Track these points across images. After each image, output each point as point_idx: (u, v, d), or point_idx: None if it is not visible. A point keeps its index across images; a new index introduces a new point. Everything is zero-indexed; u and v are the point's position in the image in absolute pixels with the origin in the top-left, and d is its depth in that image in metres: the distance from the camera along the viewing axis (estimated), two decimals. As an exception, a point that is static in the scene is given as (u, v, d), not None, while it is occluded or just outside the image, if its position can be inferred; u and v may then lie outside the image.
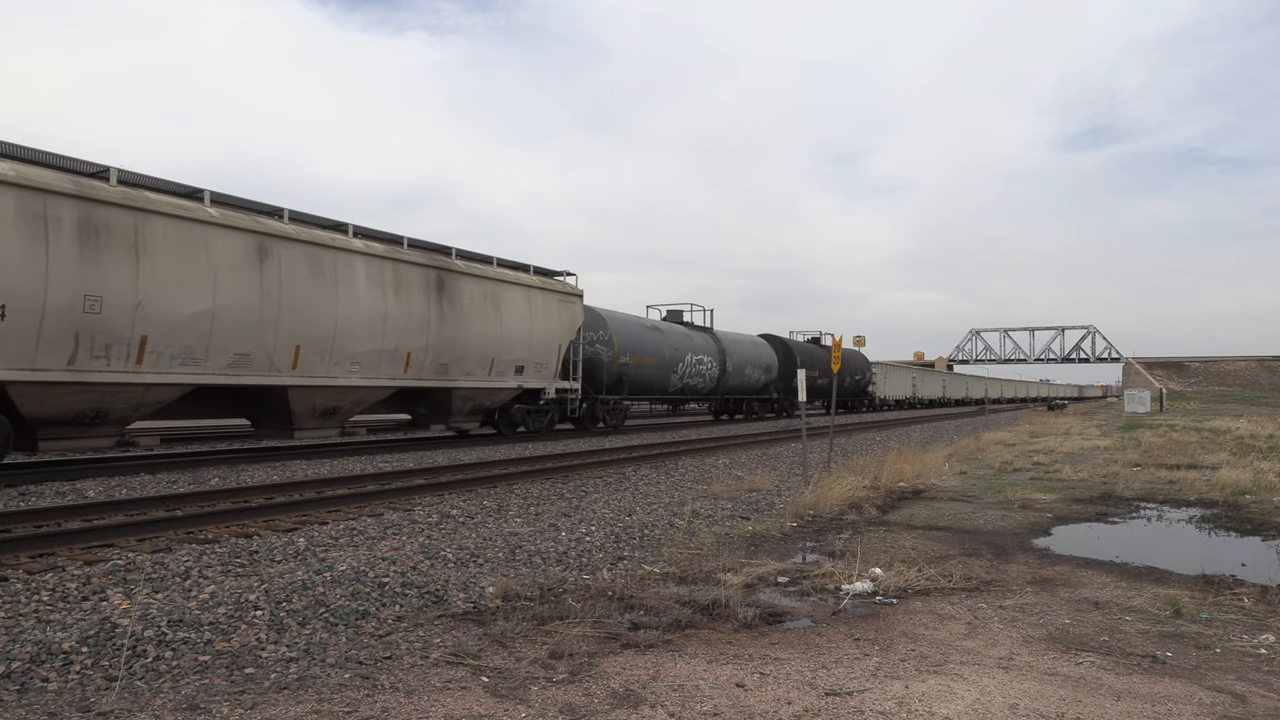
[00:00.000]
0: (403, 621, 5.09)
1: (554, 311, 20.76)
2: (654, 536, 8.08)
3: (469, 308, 17.91)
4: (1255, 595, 6.05)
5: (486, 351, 18.38)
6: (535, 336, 19.95)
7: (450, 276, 17.57)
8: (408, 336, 16.22)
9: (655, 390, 27.30)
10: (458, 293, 17.64)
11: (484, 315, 18.36)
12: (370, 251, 15.65)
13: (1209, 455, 17.61)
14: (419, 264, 16.79)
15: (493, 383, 18.77)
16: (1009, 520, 9.55)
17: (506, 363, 19.05)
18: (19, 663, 4.10)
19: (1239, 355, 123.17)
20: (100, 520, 7.99)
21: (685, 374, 28.56)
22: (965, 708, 3.86)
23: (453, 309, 17.42)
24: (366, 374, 15.39)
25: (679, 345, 28.43)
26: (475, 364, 18.07)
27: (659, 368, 26.74)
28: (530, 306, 19.90)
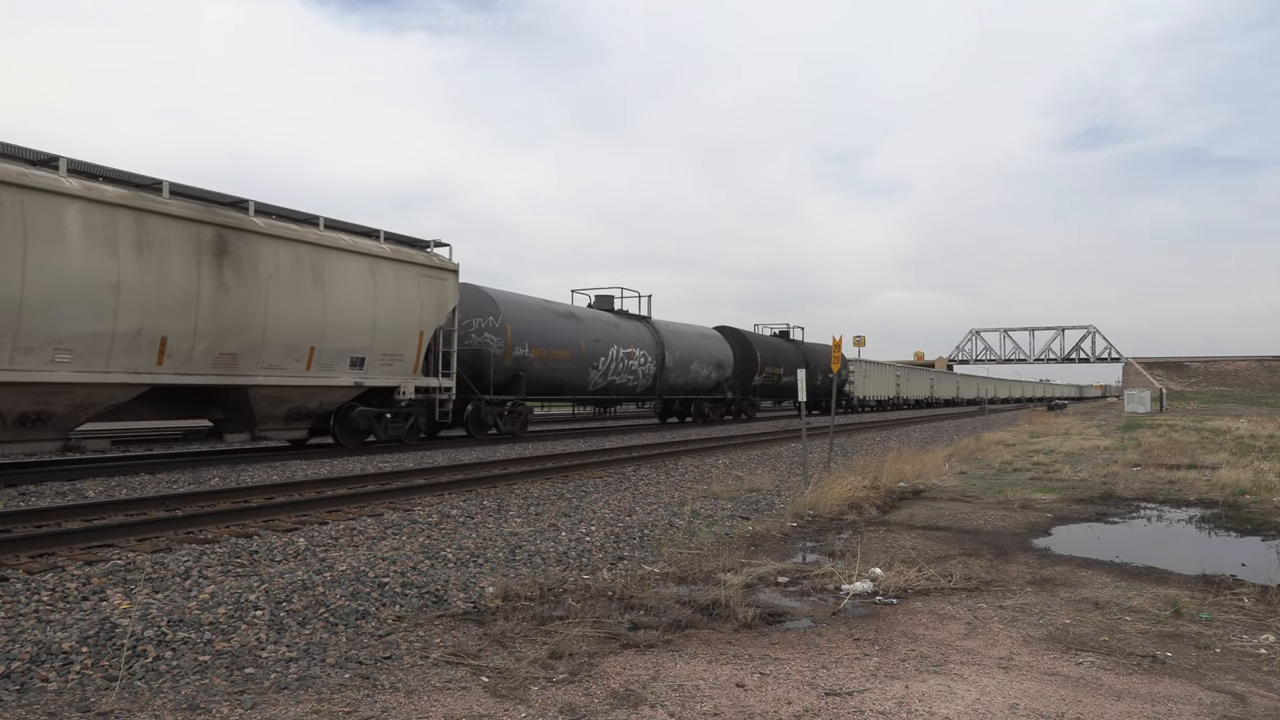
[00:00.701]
0: (403, 621, 5.09)
1: (412, 289, 16.52)
2: (654, 536, 8.08)
3: (272, 280, 13.63)
4: (1255, 595, 6.05)
5: (302, 339, 14.19)
6: (383, 321, 15.72)
7: (239, 238, 13.23)
8: (161, 316, 12.09)
9: (569, 389, 23.08)
10: (252, 259, 13.38)
11: (297, 291, 14.08)
12: (93, 196, 11.44)
13: (1209, 455, 17.61)
14: (183, 218, 12.49)
15: (314, 379, 14.56)
16: (1009, 520, 9.55)
17: (336, 354, 14.85)
18: (19, 663, 4.10)
19: (1239, 355, 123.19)
20: (100, 520, 7.99)
21: (611, 370, 24.17)
22: (965, 708, 3.86)
23: (242, 281, 13.19)
24: (86, 366, 11.32)
25: (602, 336, 23.91)
26: (283, 354, 13.91)
27: (572, 362, 22.43)
28: (376, 282, 15.64)
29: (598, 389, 24.26)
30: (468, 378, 19.10)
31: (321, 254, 14.69)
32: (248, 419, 14.01)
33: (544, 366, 21.43)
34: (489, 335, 19.98)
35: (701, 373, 29.94)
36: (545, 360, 21.42)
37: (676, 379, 28.39)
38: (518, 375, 20.54)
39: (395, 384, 16.35)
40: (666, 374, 27.58)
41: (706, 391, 30.96)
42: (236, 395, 13.63)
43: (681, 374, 28.60)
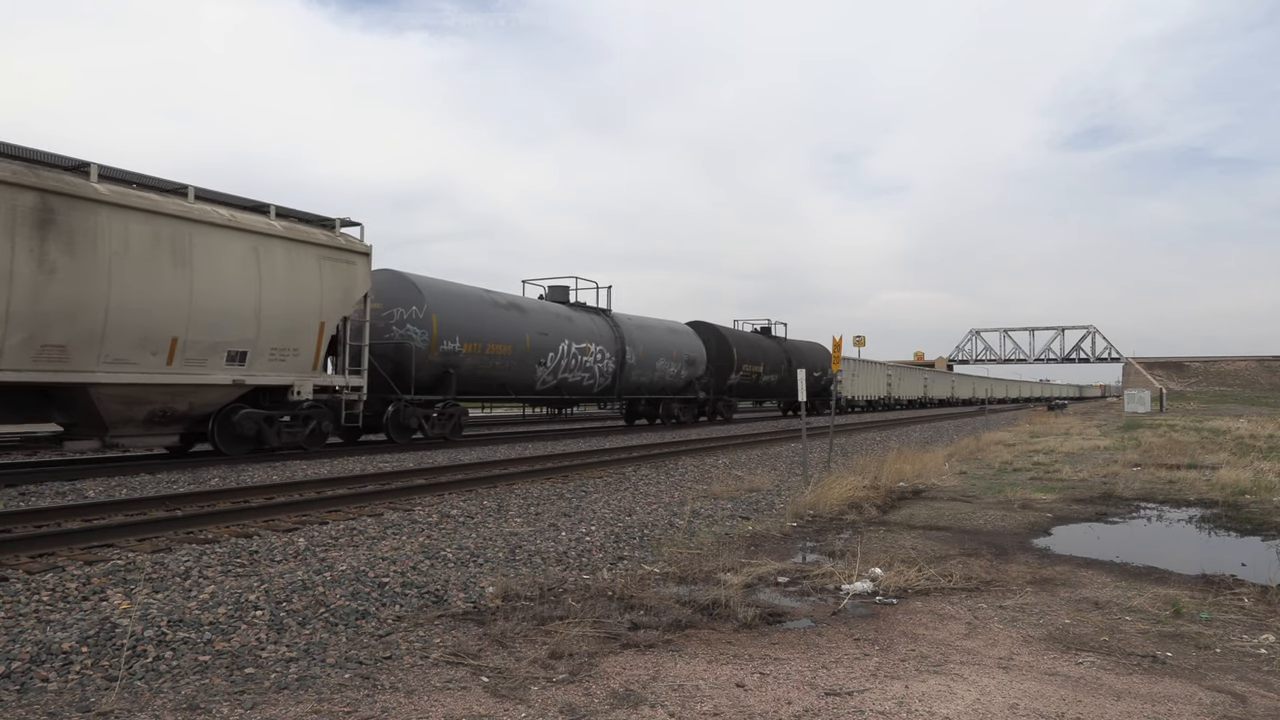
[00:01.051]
0: (403, 621, 5.09)
1: (310, 273, 14.35)
2: (654, 536, 8.08)
3: (117, 258, 11.60)
4: (1255, 595, 6.05)
5: (159, 328, 12.13)
6: (271, 308, 13.60)
7: (72, 206, 11.14)
8: None
9: (512, 388, 20.72)
10: (89, 233, 11.30)
11: (152, 272, 12.03)
12: None
13: (1209, 455, 17.61)
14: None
15: (179, 376, 12.48)
16: (1009, 520, 9.55)
17: (207, 347, 12.79)
18: (19, 663, 4.10)
19: (1239, 355, 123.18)
20: (100, 520, 7.99)
21: (561, 367, 21.96)
22: (965, 708, 3.86)
23: (75, 258, 11.13)
24: None
25: (550, 329, 21.62)
26: (134, 347, 11.85)
27: (514, 358, 20.15)
28: (261, 263, 13.47)
29: (547, 388, 21.94)
30: (388, 375, 17.20)
31: (187, 229, 12.51)
32: (96, 423, 11.93)
33: (479, 362, 19.24)
34: (412, 327, 17.77)
35: (669, 370, 27.34)
36: (480, 356, 19.22)
37: (640, 377, 25.86)
38: (446, 372, 18.46)
39: (288, 382, 14.10)
40: (628, 372, 25.01)
41: (676, 391, 28.51)
42: (76, 395, 11.49)
43: (646, 372, 26.02)
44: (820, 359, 41.15)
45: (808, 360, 38.89)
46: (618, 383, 24.83)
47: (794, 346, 38.96)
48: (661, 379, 27.16)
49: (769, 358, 35.14)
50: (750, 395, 35.83)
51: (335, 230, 15.30)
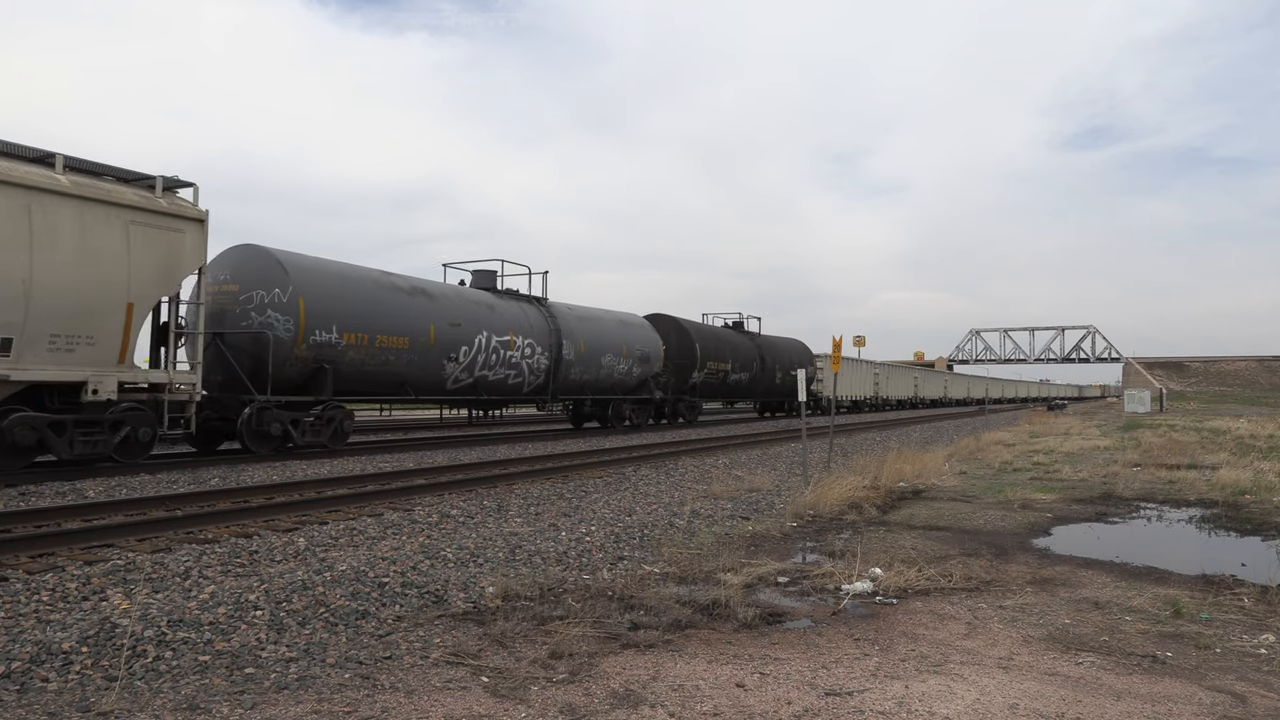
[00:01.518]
0: (403, 621, 5.09)
1: (115, 241, 11.58)
2: (654, 536, 8.08)
3: None
4: (1255, 595, 6.06)
5: None
6: (49, 283, 10.87)
7: None
8: None
9: (412, 386, 17.55)
10: None
11: None
12: None
13: (1209, 455, 17.61)
14: None
15: None
16: (1009, 520, 9.55)
17: None
18: (19, 663, 4.10)
19: (1239, 355, 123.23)
20: (100, 520, 7.99)
21: (479, 363, 18.93)
22: (965, 708, 3.86)
23: None
24: None
25: (464, 318, 18.56)
26: None
27: (414, 353, 17.15)
28: (35, 225, 10.74)
29: (461, 387, 18.86)
30: (245, 372, 14.49)
31: None
32: None
33: (365, 357, 16.21)
34: (274, 314, 14.76)
35: (618, 368, 24.14)
36: (367, 349, 16.16)
37: (583, 375, 22.79)
38: (321, 369, 15.45)
39: (80, 379, 11.35)
40: (566, 369, 22.02)
41: (628, 390, 25.27)
42: None
43: (589, 369, 22.93)
44: (799, 356, 38.31)
45: (784, 357, 36.43)
46: (553, 381, 21.61)
47: (769, 343, 36.03)
48: (609, 377, 23.97)
49: (739, 354, 32.08)
50: (717, 395, 32.87)
51: (156, 191, 12.33)
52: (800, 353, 38.72)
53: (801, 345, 39.58)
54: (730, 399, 35.73)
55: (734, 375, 31.67)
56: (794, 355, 37.72)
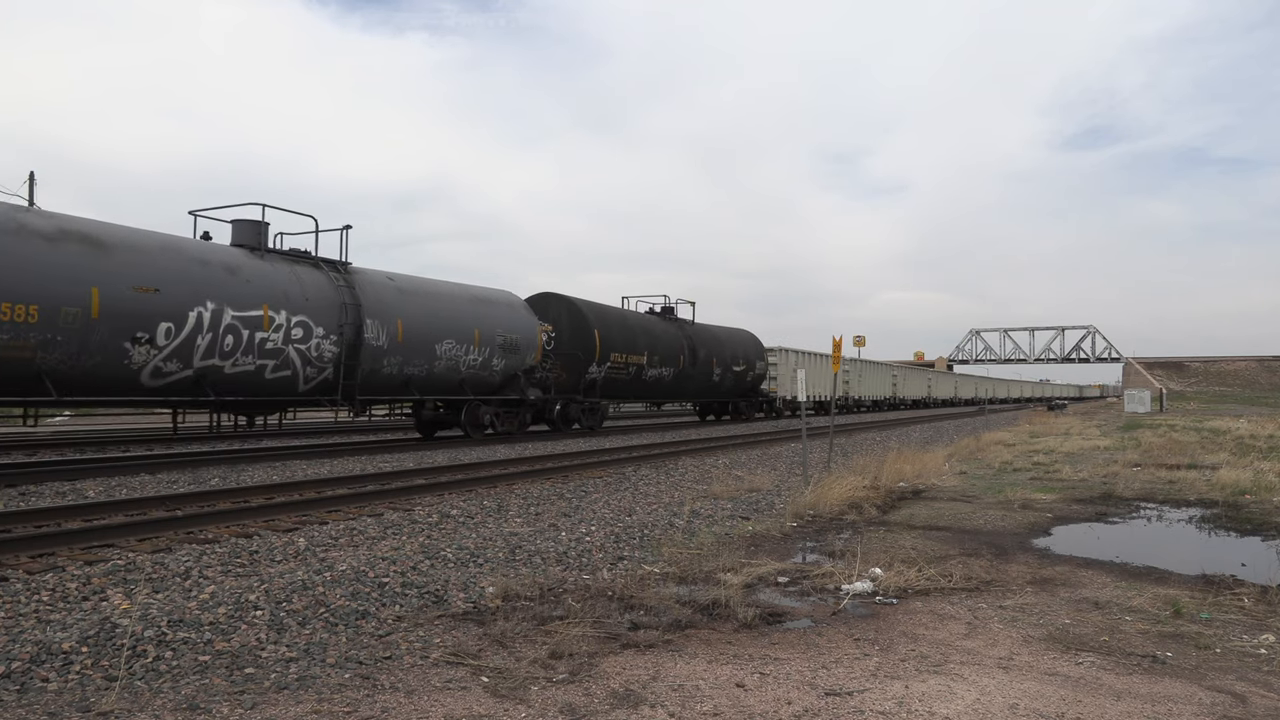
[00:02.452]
0: (403, 621, 5.09)
1: None
2: (654, 536, 8.08)
3: None
4: (1255, 595, 6.05)
5: None
6: None
7: None
8: None
9: (66, 382, 11.85)
10: None
11: None
12: None
13: (1209, 455, 17.61)
14: None
15: None
16: (1009, 520, 9.55)
17: None
18: (19, 663, 4.10)
19: (1239, 355, 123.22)
20: (100, 520, 7.99)
21: (204, 348, 13.30)
22: (965, 708, 3.86)
23: None
24: None
25: (168, 280, 12.92)
26: None
27: (63, 331, 11.59)
28: None
29: (172, 383, 13.20)
30: None
31: None
32: None
33: None
34: None
35: (467, 359, 18.46)
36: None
37: (403, 368, 16.88)
38: None
39: None
40: (371, 358, 16.03)
41: (491, 388, 19.62)
42: None
43: (415, 359, 17.11)
44: (746, 349, 32.52)
45: (725, 351, 30.60)
46: (344, 375, 15.53)
47: (705, 334, 30.10)
48: (451, 371, 18.19)
49: (660, 345, 26.24)
50: (628, 394, 26.74)
51: None
52: (748, 346, 33.01)
53: (749, 337, 34.02)
54: (649, 399, 29.00)
55: (652, 370, 25.84)
56: (739, 349, 31.98)
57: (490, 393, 19.82)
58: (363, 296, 16.13)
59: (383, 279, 17.23)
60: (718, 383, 30.63)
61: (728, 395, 32.42)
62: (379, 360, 16.42)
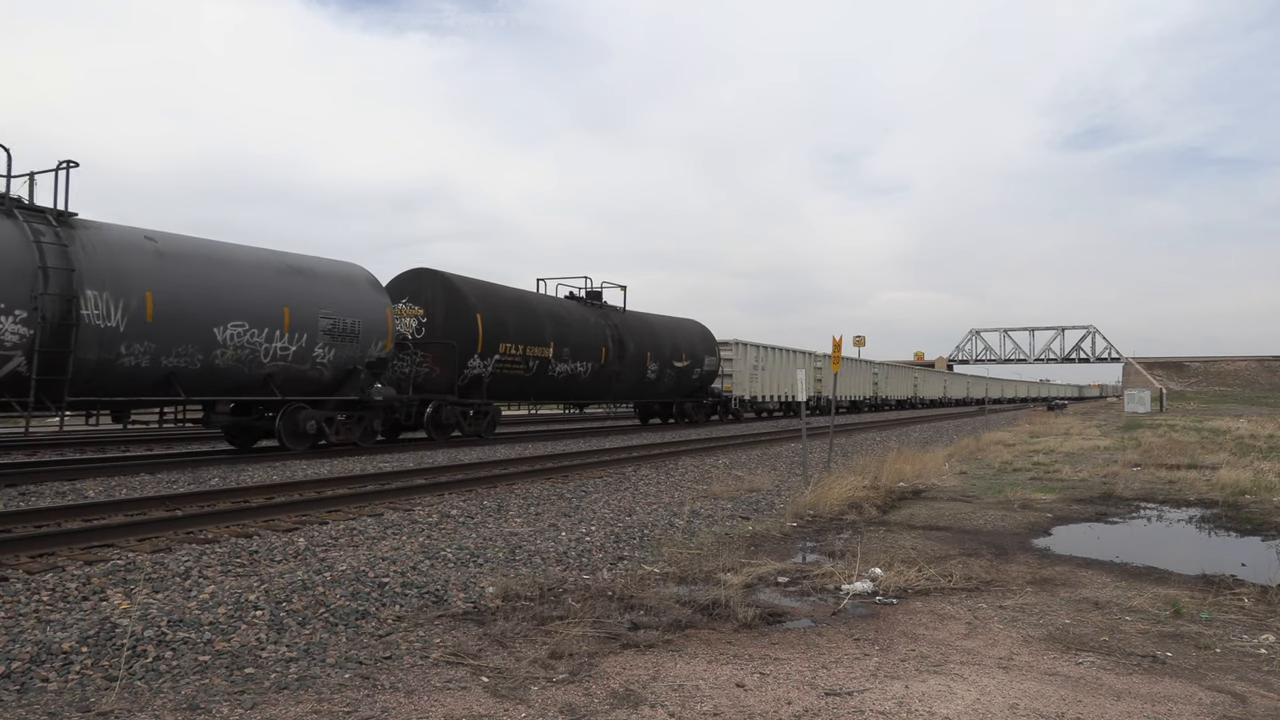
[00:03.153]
0: (403, 621, 5.09)
1: None
2: (654, 536, 8.08)
3: None
4: (1255, 595, 6.05)
5: None
6: None
7: None
8: None
9: None
10: None
11: None
12: None
13: (1209, 455, 17.61)
14: None
15: None
16: (1009, 520, 9.54)
17: None
18: (19, 663, 4.10)
19: (1239, 355, 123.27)
20: (100, 520, 7.99)
21: None
22: (965, 708, 3.86)
23: None
24: None
25: None
26: None
27: None
28: None
29: None
30: None
31: None
32: None
33: None
34: None
35: (267, 347, 14.09)
36: None
37: (146, 358, 12.51)
38: None
39: None
40: (91, 343, 11.86)
41: (319, 388, 15.41)
42: None
43: (174, 346, 12.78)
44: (691, 343, 27.60)
45: (663, 344, 25.66)
46: (42, 368, 11.37)
47: (634, 323, 25.04)
48: (247, 362, 13.86)
49: (574, 336, 21.72)
50: (528, 395, 21.51)
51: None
52: (694, 339, 28.04)
53: (697, 328, 28.97)
54: (561, 400, 24.16)
55: (561, 366, 21.11)
56: (683, 342, 27.09)
57: (319, 392, 15.44)
58: (84, 259, 11.81)
59: (135, 238, 12.79)
60: (654, 381, 25.38)
61: (668, 395, 27.38)
62: (112, 347, 12.07)
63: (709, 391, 29.93)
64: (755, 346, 34.50)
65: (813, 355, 40.60)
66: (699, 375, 28.41)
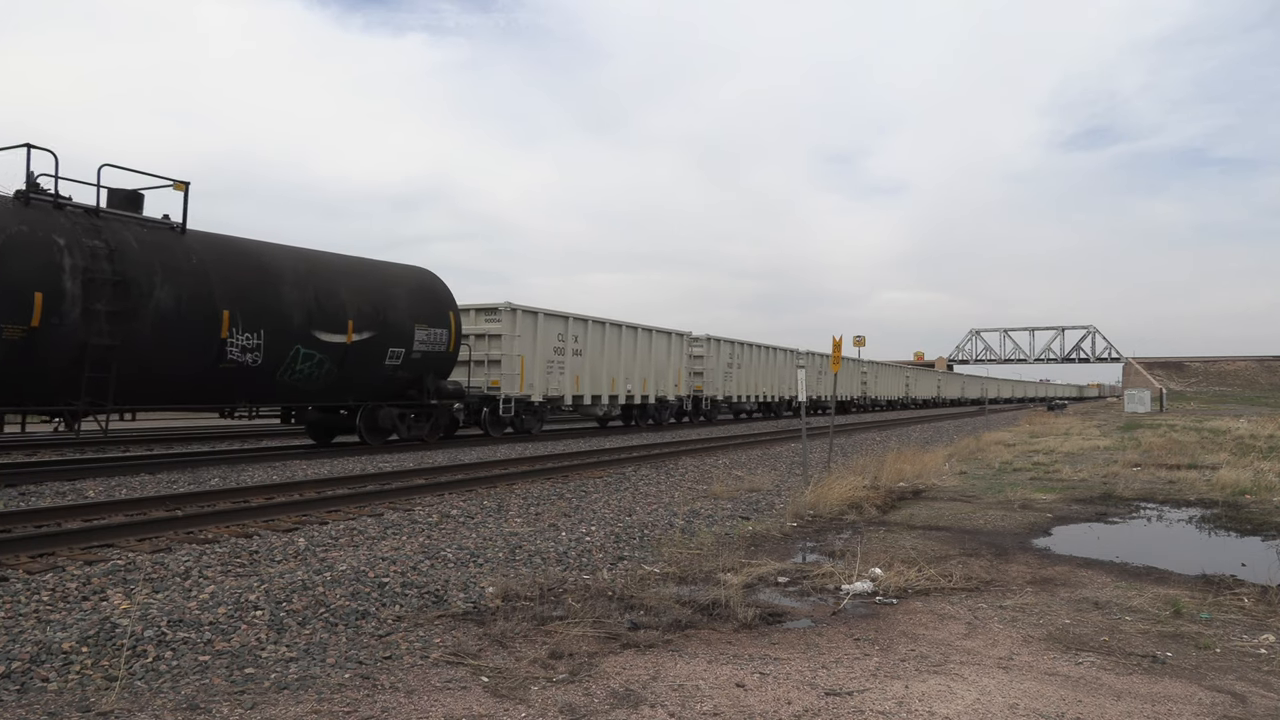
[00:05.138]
0: (403, 621, 5.09)
1: None
2: (654, 536, 8.08)
3: None
4: (1255, 595, 6.05)
5: None
6: None
7: None
8: None
9: None
10: None
11: None
12: None
13: (1209, 455, 17.61)
14: None
15: None
16: (1009, 520, 9.54)
17: None
18: (19, 663, 4.10)
19: (1239, 355, 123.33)
20: (100, 520, 7.98)
21: None
22: (965, 708, 3.86)
23: None
24: None
25: None
26: None
27: None
28: None
29: None
30: None
31: None
32: None
33: None
34: None
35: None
36: None
37: None
38: None
39: None
40: None
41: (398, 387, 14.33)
42: None
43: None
44: (386, 299, 15.80)
45: (299, 299, 14.04)
46: None
47: (234, 257, 13.29)
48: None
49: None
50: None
51: None
52: (400, 295, 16.23)
53: (415, 278, 17.05)
54: None
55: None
56: (367, 301, 15.33)
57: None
58: None
59: None
60: (254, 369, 13.33)
61: (318, 395, 14.91)
62: None
63: (438, 389, 17.09)
64: (730, 343, 31.44)
65: (795, 353, 37.43)
66: (404, 360, 16.02)
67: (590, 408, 23.95)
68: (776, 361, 35.55)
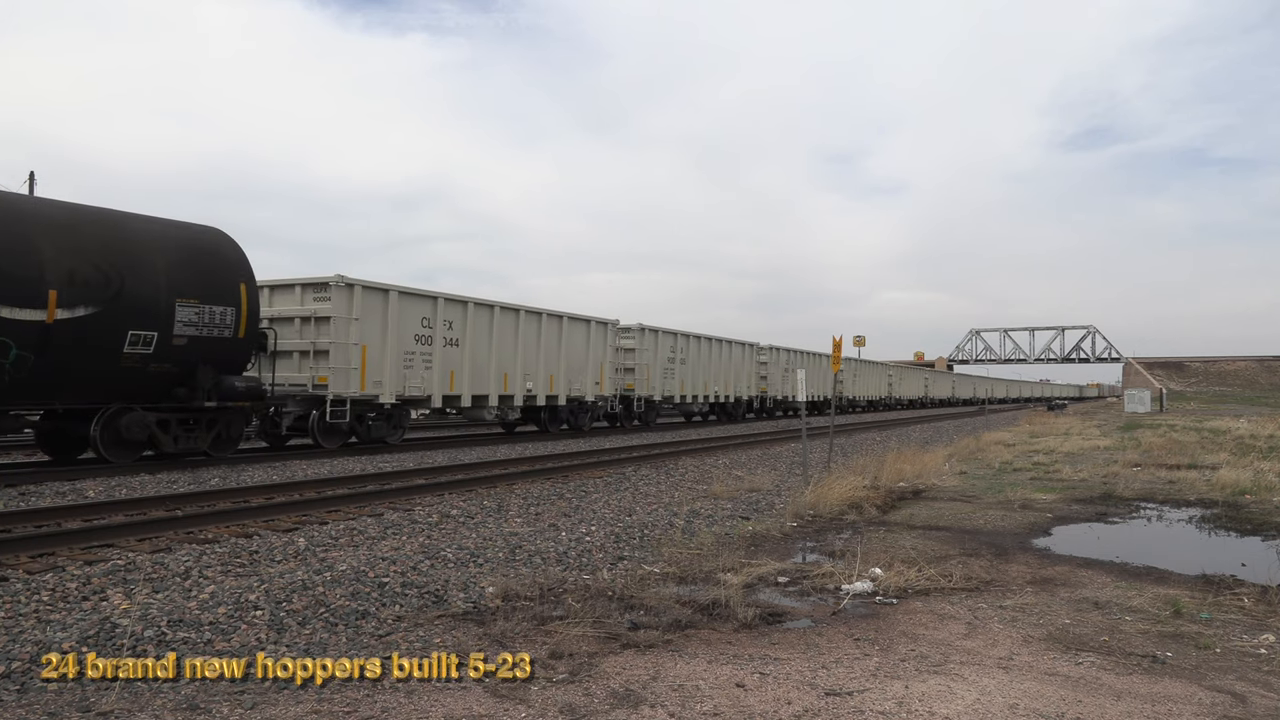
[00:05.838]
0: (403, 621, 5.09)
1: None
2: (654, 536, 8.07)
3: None
4: (1255, 595, 6.05)
5: None
6: None
7: None
8: None
9: None
10: None
11: None
12: None
13: (1209, 455, 17.60)
14: None
15: None
16: (1009, 520, 9.54)
17: None
18: (19, 663, 4.10)
19: (1239, 355, 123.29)
20: (100, 520, 7.99)
21: None
22: (965, 708, 3.86)
23: None
24: None
25: None
26: None
27: None
28: None
29: None
30: None
31: None
32: None
33: None
34: None
35: None
36: None
37: None
38: None
39: None
40: None
41: None
42: None
43: None
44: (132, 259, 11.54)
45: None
46: None
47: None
48: None
49: None
50: None
51: None
52: (173, 264, 12.11)
53: (196, 238, 12.91)
54: None
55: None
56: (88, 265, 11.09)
57: None
58: None
59: None
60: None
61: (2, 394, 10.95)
62: None
63: (220, 388, 12.87)
64: (670, 334, 26.99)
65: (755, 347, 33.66)
66: (157, 347, 11.99)
67: (473, 410, 19.08)
68: (733, 357, 31.42)
